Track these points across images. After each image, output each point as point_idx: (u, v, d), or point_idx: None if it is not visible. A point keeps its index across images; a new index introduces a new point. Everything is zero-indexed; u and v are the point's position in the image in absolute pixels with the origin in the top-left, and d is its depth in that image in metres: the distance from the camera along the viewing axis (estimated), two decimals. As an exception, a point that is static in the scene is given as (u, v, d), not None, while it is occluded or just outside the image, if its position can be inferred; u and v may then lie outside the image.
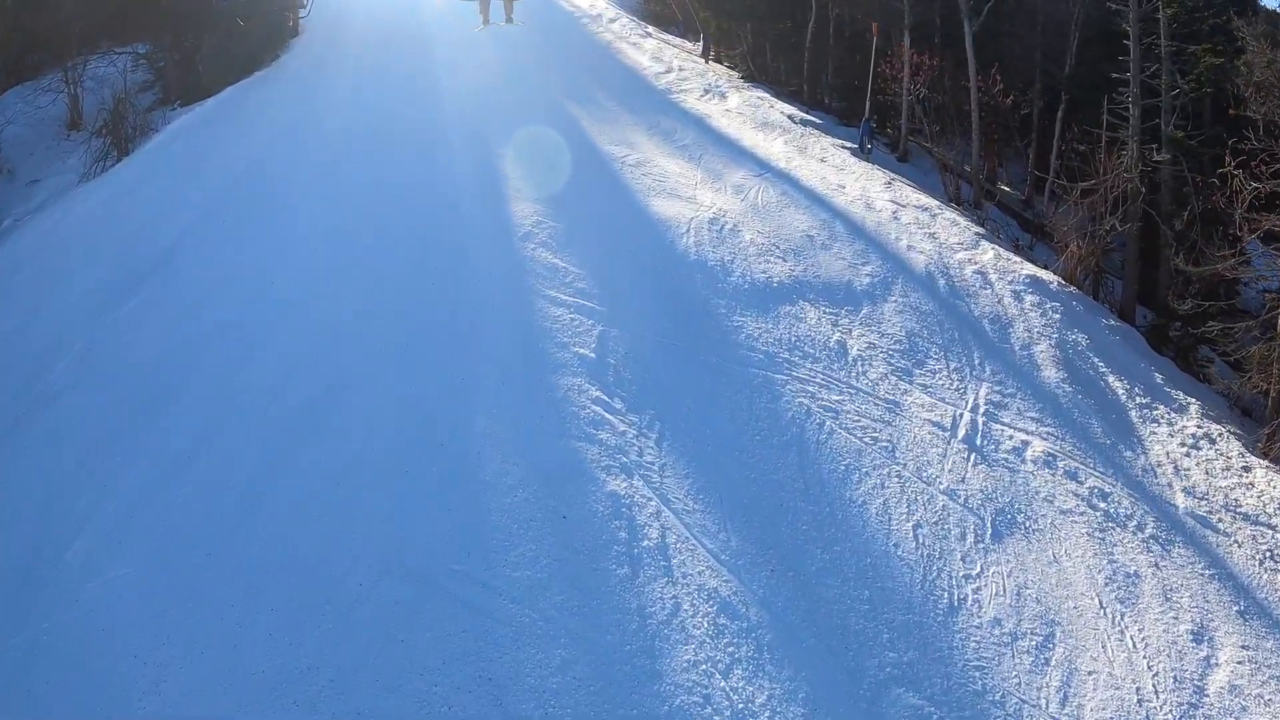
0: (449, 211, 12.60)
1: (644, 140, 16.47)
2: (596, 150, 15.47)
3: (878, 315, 11.71)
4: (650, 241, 12.19)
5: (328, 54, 22.13)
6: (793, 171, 15.48)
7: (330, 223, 12.42)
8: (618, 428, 9.06)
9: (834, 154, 16.86)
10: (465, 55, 22.72)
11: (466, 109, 17.08)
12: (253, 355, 10.47)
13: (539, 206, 12.74)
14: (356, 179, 13.77)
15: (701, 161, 15.56)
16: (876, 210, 14.45)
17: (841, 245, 13.03)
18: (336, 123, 16.47)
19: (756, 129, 17.81)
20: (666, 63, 22.76)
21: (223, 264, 12.44)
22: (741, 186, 14.50)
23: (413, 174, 13.79)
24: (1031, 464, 10.26)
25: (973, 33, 16.67)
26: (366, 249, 11.74)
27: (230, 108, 18.67)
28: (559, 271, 11.19)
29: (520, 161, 14.34)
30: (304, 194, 13.47)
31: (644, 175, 14.43)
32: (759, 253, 12.39)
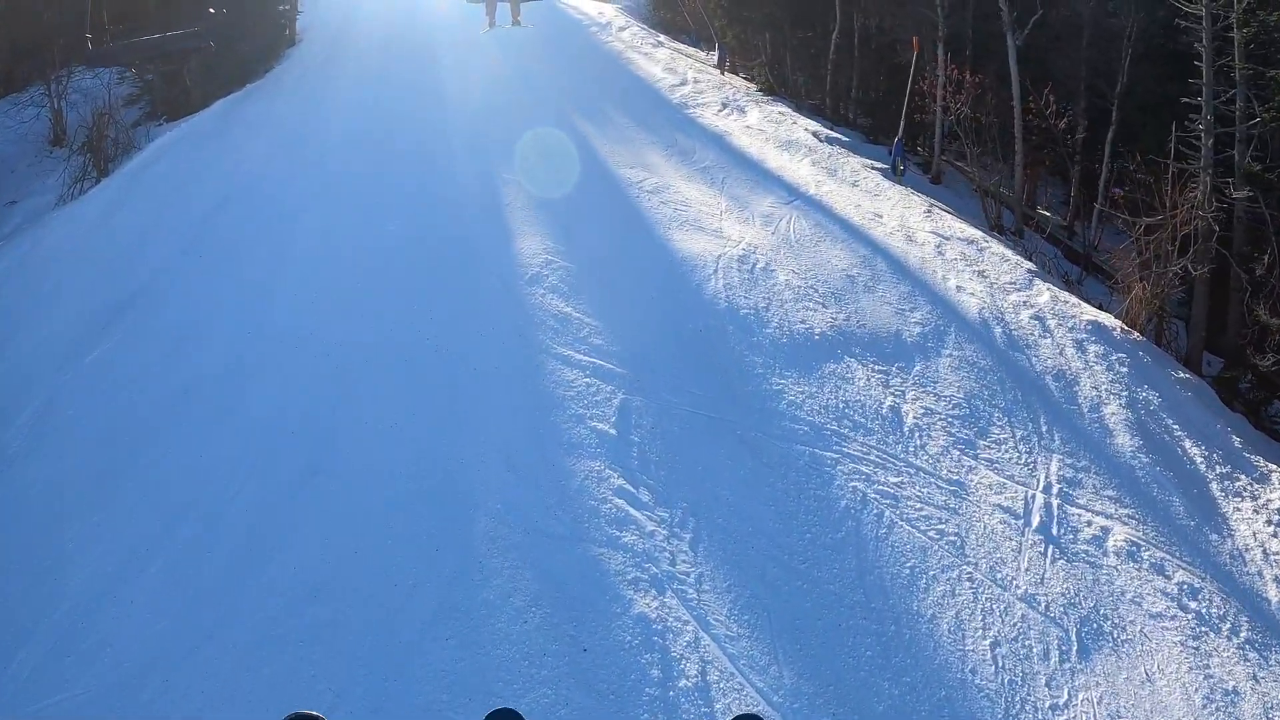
0: (451, 250, 11.00)
1: (661, 161, 14.88)
2: (611, 174, 13.88)
3: (932, 372, 10.12)
4: (674, 284, 10.61)
5: (326, 65, 20.51)
6: (824, 198, 13.88)
7: (319, 264, 10.86)
8: (645, 526, 7.50)
9: (866, 177, 15.25)
10: (470, 64, 21.10)
11: (471, 128, 15.49)
12: (225, 422, 8.92)
13: (548, 242, 11.17)
14: (351, 211, 12.19)
15: (725, 186, 13.97)
16: (919, 244, 12.85)
17: (886, 287, 11.44)
18: (330, 144, 14.91)
19: (780, 148, 16.21)
20: (680, 74, 21.13)
21: (200, 307, 10.87)
22: (770, 216, 12.91)
23: (412, 203, 12.21)
24: (1114, 556, 8.68)
25: (1016, 46, 15.03)
26: (359, 297, 10.16)
27: (218, 124, 17.07)
28: (572, 323, 9.62)
29: (528, 187, 12.76)
30: (291, 228, 11.90)
31: (663, 203, 12.84)
32: (796, 297, 10.81)
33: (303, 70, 20.16)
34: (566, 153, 14.41)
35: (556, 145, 14.75)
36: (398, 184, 12.71)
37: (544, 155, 13.98)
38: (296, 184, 13.30)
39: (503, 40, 23.45)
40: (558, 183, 13.04)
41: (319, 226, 11.64)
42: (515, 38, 23.60)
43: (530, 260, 10.69)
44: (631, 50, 23.35)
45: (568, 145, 14.95)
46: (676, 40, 28.01)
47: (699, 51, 26.73)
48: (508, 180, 13.04)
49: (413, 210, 11.84)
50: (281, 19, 22.06)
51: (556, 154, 14.18)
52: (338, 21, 24.56)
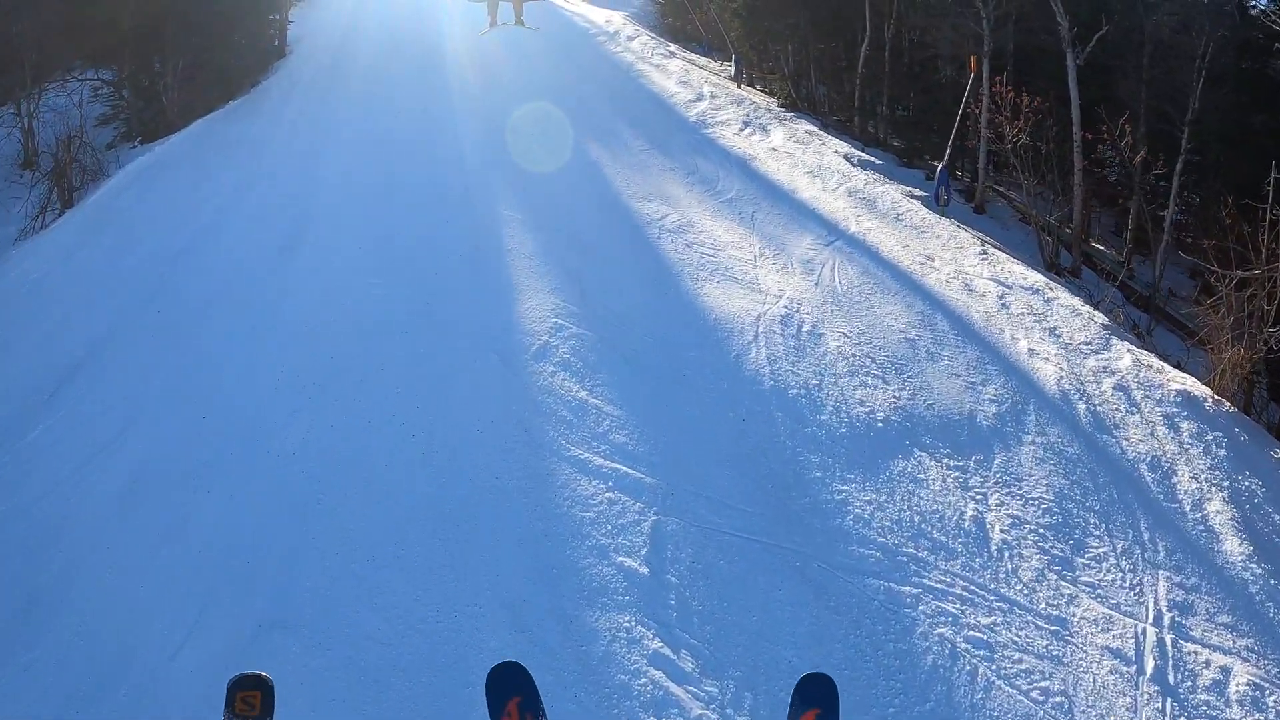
0: (443, 311, 9.12)
1: (681, 193, 12.98)
2: (627, 210, 11.98)
3: (1015, 467, 8.23)
4: (709, 355, 8.72)
5: (315, 81, 18.54)
6: (867, 237, 11.97)
7: (278, 340, 8.96)
8: (690, 710, 5.64)
9: (908, 209, 13.33)
10: (471, 80, 19.16)
11: (473, 155, 13.61)
12: (168, 546, 7.08)
13: (558, 300, 9.28)
14: (324, 265, 10.31)
15: (755, 223, 12.07)
16: (979, 293, 10.96)
17: (951, 352, 9.54)
18: (308, 176, 13.00)
19: (811, 175, 14.29)
20: (696, 88, 19.19)
21: (151, 381, 9.01)
22: (810, 261, 11.01)
23: (401, 256, 10.33)
24: (1238, 705, 6.82)
25: (1077, 65, 13.09)
26: (330, 380, 8.25)
27: (193, 148, 15.15)
28: (589, 414, 7.74)
29: (535, 229, 10.87)
30: (253, 287, 10.03)
31: (689, 246, 10.94)
32: (851, 369, 8.92)
33: (290, 85, 18.21)
34: (577, 185, 12.52)
35: (566, 177, 12.85)
36: (385, 231, 10.82)
37: (552, 192, 12.08)
38: (266, 228, 11.38)
39: (508, 51, 21.52)
40: (568, 223, 11.16)
41: (283, 287, 9.75)
42: (521, 49, 21.68)
43: (536, 325, 8.79)
44: (642, 62, 21.39)
45: (579, 174, 13.07)
46: (687, 50, 26.09)
47: (712, 61, 24.75)
48: (510, 219, 11.15)
49: (400, 264, 9.95)
50: (270, 29, 20.12)
51: (566, 190, 12.29)
52: (331, 33, 22.56)
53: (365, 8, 27.10)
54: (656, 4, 30.77)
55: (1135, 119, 14.24)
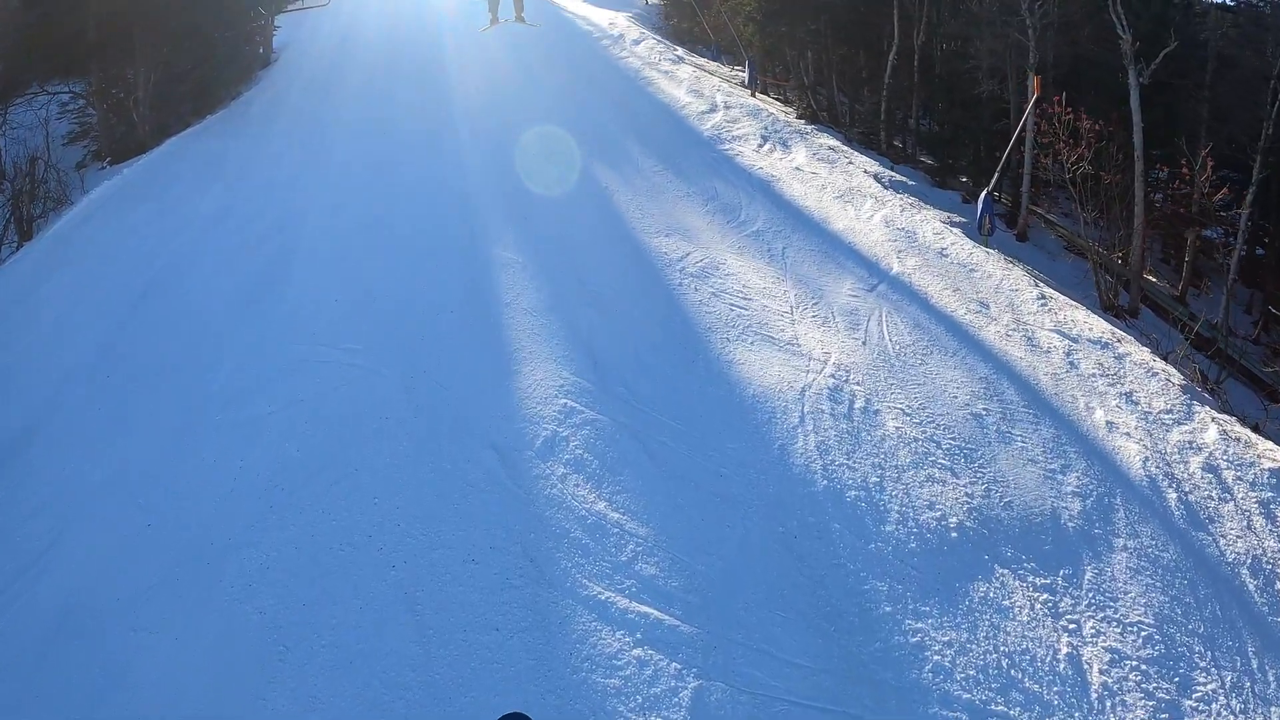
0: (432, 393, 7.54)
1: (702, 224, 11.36)
2: (643, 248, 10.39)
3: (1108, 583, 6.67)
4: (749, 448, 7.15)
5: (303, 90, 16.90)
6: (913, 279, 10.38)
7: (249, 411, 7.40)
8: None
9: (952, 242, 11.71)
10: (473, 87, 17.53)
11: (472, 182, 12.00)
12: (103, 708, 5.57)
13: (566, 372, 7.71)
14: (304, 314, 8.75)
15: (787, 262, 10.47)
16: (1043, 349, 9.37)
17: (1023, 430, 7.98)
18: (285, 208, 11.38)
19: (842, 200, 12.67)
20: (708, 98, 17.52)
21: (86, 475, 7.40)
22: (855, 312, 9.42)
23: (383, 308, 8.73)
24: None
25: (1140, 84, 11.44)
26: (296, 482, 6.71)
27: (163, 170, 13.52)
28: (608, 534, 6.19)
29: (539, 276, 9.29)
30: (222, 342, 8.44)
31: (716, 295, 9.35)
32: (915, 459, 7.37)
33: (274, 97, 16.54)
34: (584, 218, 10.92)
35: (571, 207, 11.25)
36: (370, 279, 9.23)
37: (557, 230, 10.48)
38: (237, 271, 9.77)
39: (511, 59, 19.86)
40: (575, 267, 9.58)
41: (248, 353, 8.16)
42: (524, 57, 20.01)
43: (542, 409, 7.21)
44: (650, 68, 19.69)
45: (586, 203, 11.46)
46: (695, 54, 24.38)
47: (722, 67, 23.04)
48: (509, 263, 9.56)
49: (386, 325, 8.36)
50: (255, 35, 18.41)
51: (571, 226, 10.69)
52: (322, 39, 20.87)
53: (360, 12, 25.46)
54: (660, 5, 29.06)
55: (1194, 140, 12.63)
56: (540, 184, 11.96)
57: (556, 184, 12.07)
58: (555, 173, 12.46)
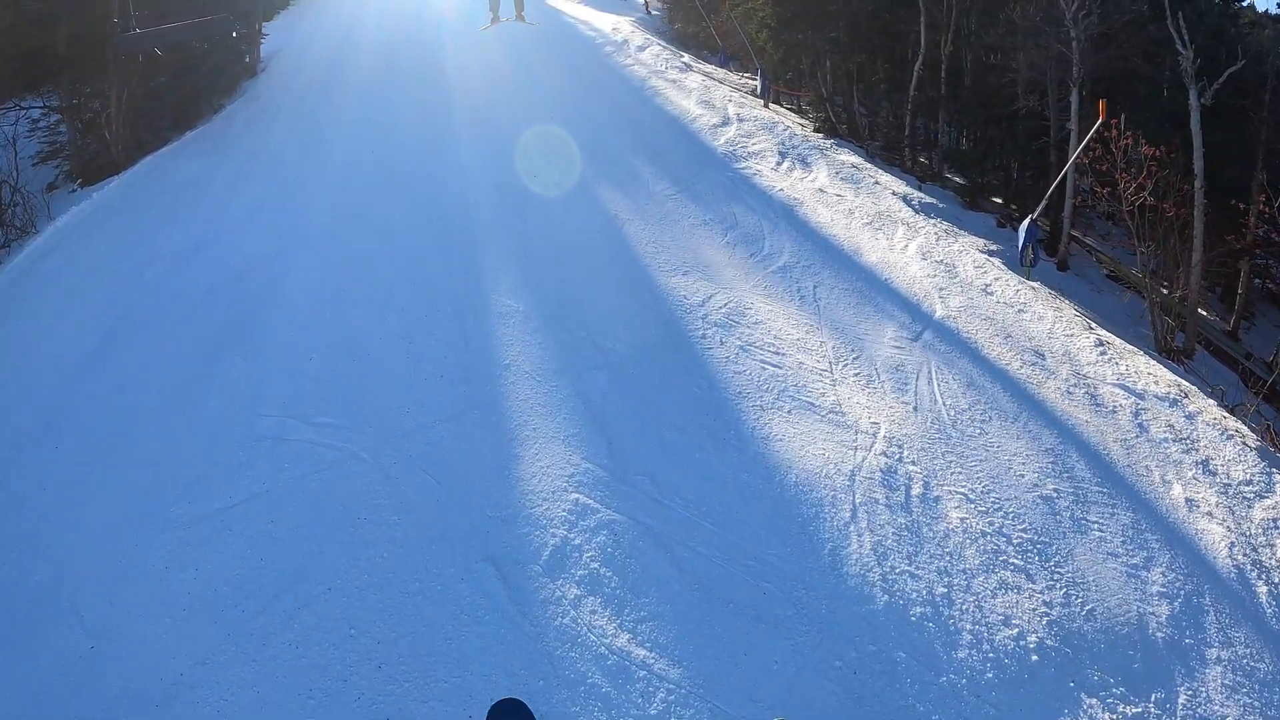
0: (418, 491, 6.30)
1: (723, 258, 10.11)
2: (659, 291, 9.15)
3: (1204, 705, 5.44)
4: (795, 555, 5.89)
5: (290, 105, 15.62)
6: (959, 324, 9.15)
7: (193, 512, 6.16)
8: None
9: (995, 276, 10.47)
10: (473, 99, 16.27)
11: (470, 216, 10.74)
12: None
13: (577, 458, 6.45)
14: (268, 381, 7.50)
15: (820, 305, 9.24)
16: (1109, 409, 8.13)
17: (1100, 515, 6.75)
18: (261, 238, 10.13)
19: (872, 227, 11.43)
20: (720, 109, 16.24)
21: (30, 572, 6.26)
22: (901, 370, 8.19)
23: (364, 373, 7.47)
24: None
25: (1201, 105, 10.18)
26: (254, 607, 5.50)
27: (135, 194, 12.25)
28: (632, 680, 4.95)
29: (543, 329, 8.05)
30: (171, 420, 7.18)
31: (745, 350, 8.09)
32: (985, 559, 6.16)
33: (258, 110, 15.24)
34: (590, 255, 9.68)
35: (575, 241, 10.01)
36: (350, 336, 7.98)
37: (560, 272, 9.24)
38: (197, 321, 8.50)
39: (513, 68, 18.58)
40: (582, 312, 8.36)
41: (199, 427, 6.92)
42: (527, 64, 18.74)
43: (550, 508, 5.98)
44: (656, 77, 18.39)
45: (591, 235, 10.22)
46: (701, 59, 23.07)
47: (731, 74, 21.75)
48: (509, 312, 8.32)
49: (366, 395, 7.12)
50: (240, 44, 17.10)
51: (576, 265, 9.46)
52: (313, 47, 19.55)
53: (355, 14, 24.13)
54: (664, 8, 27.75)
55: (1251, 162, 11.38)
56: (543, 213, 10.71)
57: (561, 211, 10.83)
58: (563, 202, 11.22)
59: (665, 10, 27.42)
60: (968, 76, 13.78)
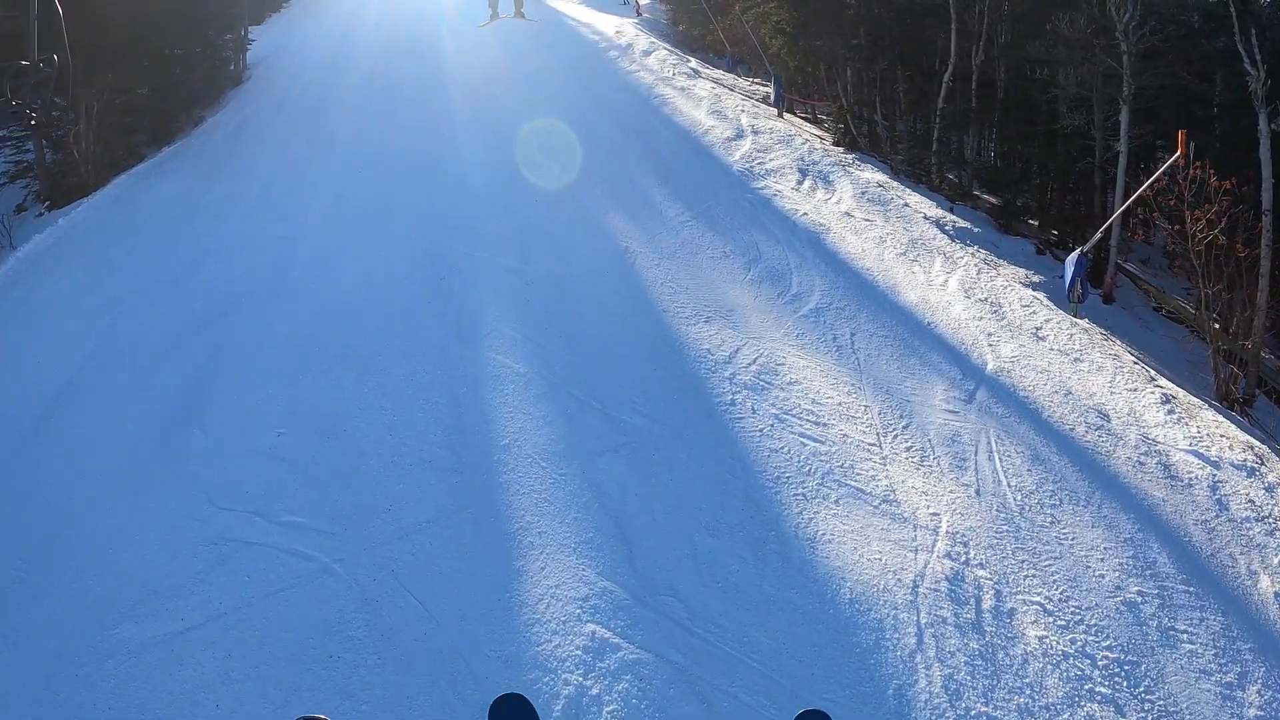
0: (400, 621, 5.19)
1: (747, 299, 8.96)
2: (677, 342, 8.00)
3: None
4: (853, 696, 4.73)
5: (274, 117, 14.42)
6: (1014, 378, 8.01)
7: (155, 625, 5.07)
8: None
9: (1045, 318, 9.30)
10: (473, 110, 15.14)
11: (465, 252, 9.60)
12: None
13: (591, 574, 5.21)
14: (232, 462, 6.38)
15: (860, 357, 8.10)
16: (1186, 485, 6.96)
17: (1189, 624, 5.59)
18: (243, 276, 9.00)
19: (906, 258, 10.27)
20: (732, 120, 15.07)
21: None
22: (957, 440, 7.06)
23: (337, 457, 6.34)
24: None
25: (1271, 130, 9.05)
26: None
27: (103, 221, 11.10)
28: None
29: (548, 399, 6.92)
30: (131, 494, 6.12)
31: (779, 419, 6.90)
32: (1070, 693, 4.99)
33: (240, 123, 14.06)
34: (603, 296, 8.56)
35: (581, 283, 8.88)
36: (327, 409, 6.85)
37: (570, 308, 8.11)
38: (157, 383, 7.35)
39: (516, 73, 17.46)
40: (592, 373, 7.25)
41: (159, 513, 5.81)
42: (529, 72, 17.57)
43: (559, 646, 4.85)
44: (664, 84, 17.20)
45: (598, 275, 9.08)
46: (708, 64, 21.84)
47: (740, 80, 20.56)
48: (508, 375, 7.19)
49: (338, 488, 6.00)
50: (224, 50, 15.89)
51: (587, 300, 8.34)
52: (304, 52, 18.33)
53: (351, 19, 22.89)
54: (668, 10, 26.53)
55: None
56: (547, 247, 9.59)
57: (566, 244, 9.70)
58: (564, 228, 10.10)
59: (669, 12, 26.21)
60: (1001, 89, 12.63)
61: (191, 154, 12.96)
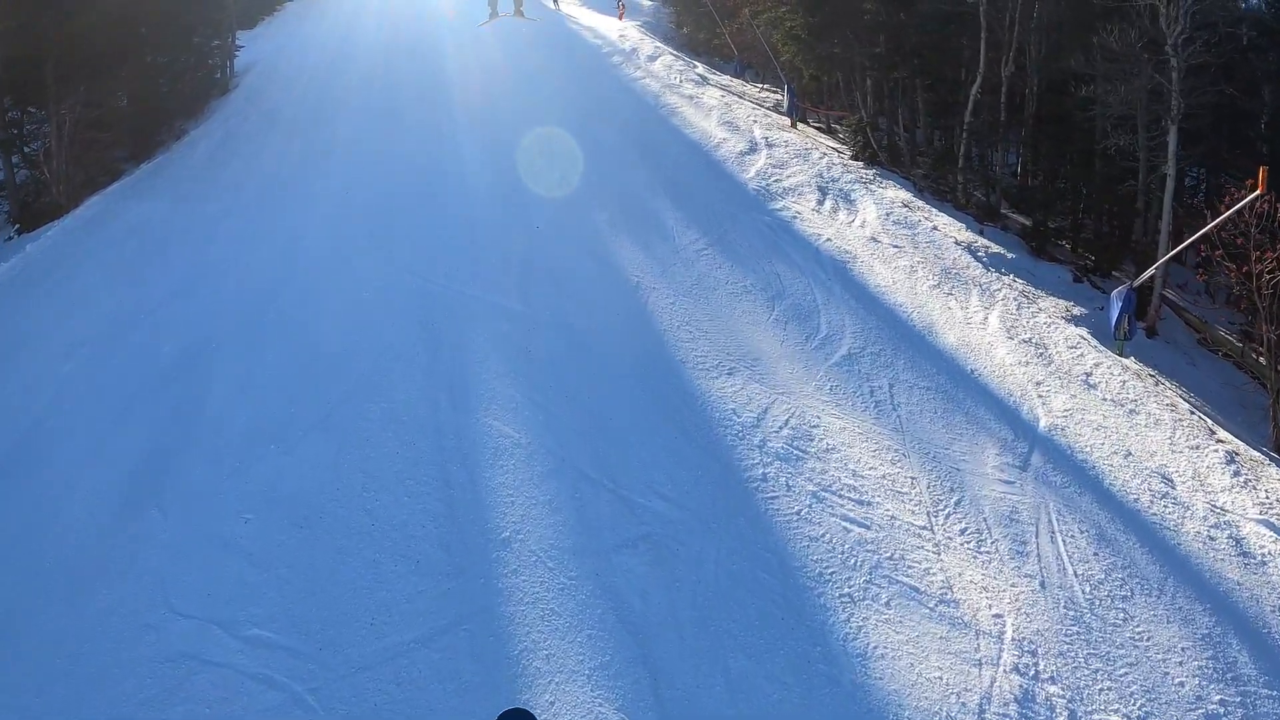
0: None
1: (772, 343, 8.04)
2: (697, 399, 7.06)
3: None
4: None
5: (260, 131, 13.47)
6: (1071, 439, 7.10)
7: None
8: None
9: (1095, 360, 8.38)
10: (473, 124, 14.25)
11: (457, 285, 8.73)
12: None
13: (606, 706, 4.45)
14: (196, 533, 5.55)
15: (901, 414, 7.16)
16: (1255, 557, 6.05)
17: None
18: (208, 315, 8.12)
19: (941, 291, 9.36)
20: (745, 132, 14.14)
21: None
22: (1015, 519, 6.16)
23: (310, 545, 5.51)
24: None
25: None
26: None
27: (72, 249, 10.20)
28: None
29: (554, 477, 6.04)
30: (79, 593, 5.28)
31: (818, 497, 5.97)
32: None
33: (225, 137, 13.14)
34: (614, 344, 7.69)
35: (592, 321, 8.01)
36: (293, 478, 5.99)
37: (575, 368, 7.23)
38: (112, 450, 6.48)
39: (518, 81, 16.56)
40: (602, 443, 6.39)
41: (107, 619, 4.98)
42: (531, 79, 16.66)
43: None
44: (671, 92, 16.27)
45: (607, 319, 8.19)
46: (714, 69, 20.86)
47: (748, 86, 19.59)
48: (506, 445, 6.33)
49: (308, 588, 5.15)
50: (210, 58, 14.95)
51: (597, 349, 7.48)
52: (296, 59, 17.38)
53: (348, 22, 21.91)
54: (671, 12, 25.57)
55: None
56: (550, 283, 8.72)
57: (571, 280, 8.83)
58: (568, 259, 9.23)
59: (673, 14, 25.27)
60: (1032, 102, 11.74)
61: (171, 171, 12.05)
